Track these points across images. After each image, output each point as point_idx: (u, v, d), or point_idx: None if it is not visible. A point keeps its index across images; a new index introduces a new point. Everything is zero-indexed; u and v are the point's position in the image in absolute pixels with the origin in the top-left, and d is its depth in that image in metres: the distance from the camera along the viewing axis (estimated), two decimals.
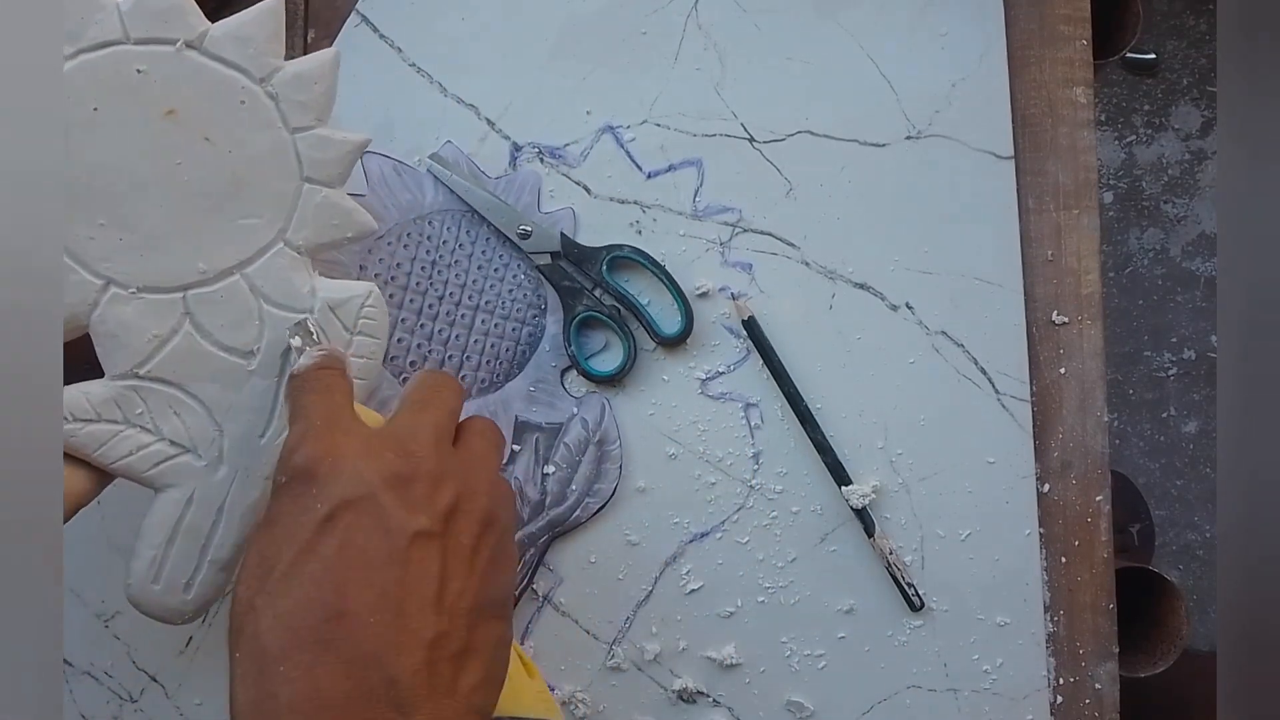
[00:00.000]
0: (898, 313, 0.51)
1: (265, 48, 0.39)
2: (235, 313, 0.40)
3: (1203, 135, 1.30)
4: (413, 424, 0.35)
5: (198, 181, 0.39)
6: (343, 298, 0.41)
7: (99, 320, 0.39)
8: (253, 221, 0.40)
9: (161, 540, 0.40)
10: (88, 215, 0.38)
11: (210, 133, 0.39)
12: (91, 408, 0.39)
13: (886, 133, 0.51)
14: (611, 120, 0.52)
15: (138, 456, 0.39)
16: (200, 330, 0.40)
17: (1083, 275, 0.52)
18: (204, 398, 0.40)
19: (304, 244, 0.41)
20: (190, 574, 0.40)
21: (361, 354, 0.42)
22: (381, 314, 0.42)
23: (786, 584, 0.50)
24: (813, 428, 0.50)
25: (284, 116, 0.40)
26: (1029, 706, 0.50)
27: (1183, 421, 1.27)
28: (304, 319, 0.41)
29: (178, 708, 0.51)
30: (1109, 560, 0.51)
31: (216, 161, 0.39)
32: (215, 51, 0.39)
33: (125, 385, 0.39)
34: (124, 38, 0.38)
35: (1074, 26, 0.52)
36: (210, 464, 0.40)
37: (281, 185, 0.40)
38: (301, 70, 0.40)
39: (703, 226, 0.51)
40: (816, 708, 0.50)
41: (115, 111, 0.38)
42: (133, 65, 0.38)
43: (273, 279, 0.40)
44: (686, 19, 0.52)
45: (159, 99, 0.38)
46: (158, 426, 0.40)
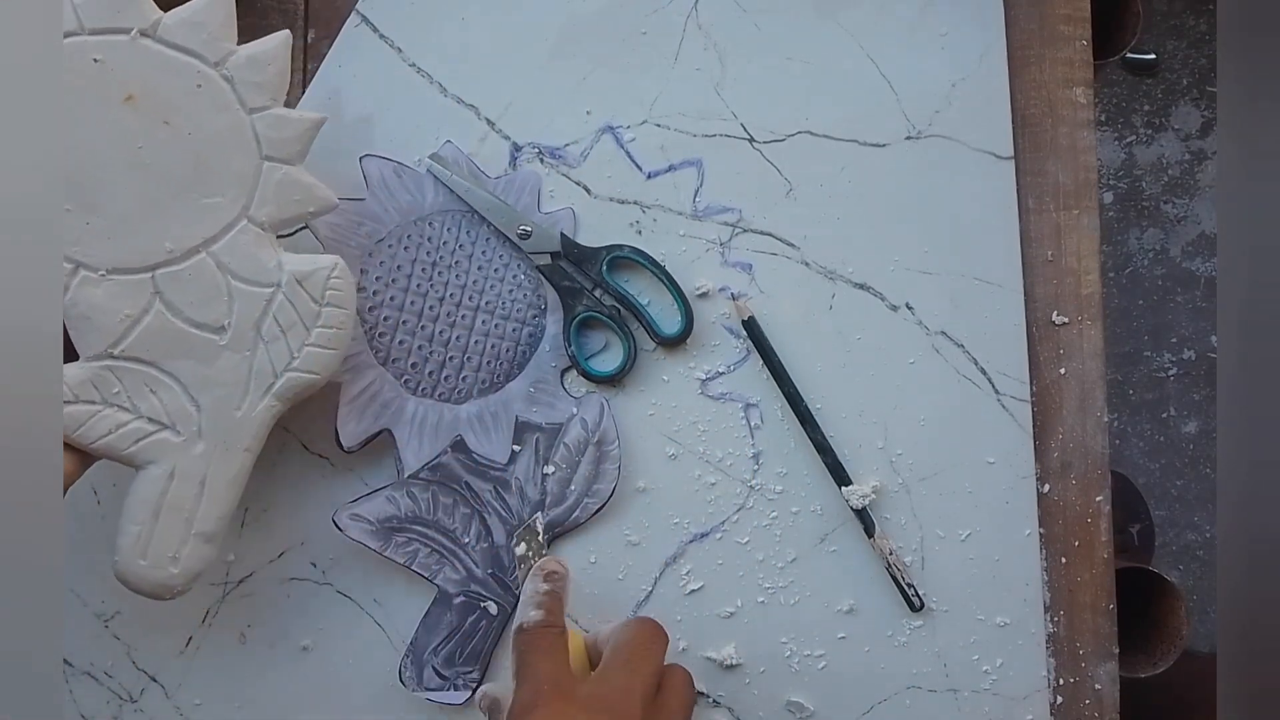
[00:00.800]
0: (898, 313, 0.51)
1: (218, 32, 0.41)
2: (204, 289, 0.41)
3: (1203, 135, 1.30)
4: (626, 687, 0.39)
5: (160, 164, 0.40)
6: (309, 269, 0.42)
7: (71, 304, 0.40)
8: (216, 200, 0.41)
9: (146, 516, 0.41)
10: None
11: (169, 116, 0.40)
12: (69, 389, 0.40)
13: (886, 133, 0.51)
14: (611, 120, 0.52)
15: (117, 435, 0.40)
16: (171, 308, 0.41)
17: (1083, 275, 0.52)
18: (179, 374, 0.41)
19: (267, 220, 0.42)
20: (176, 547, 0.41)
21: (330, 324, 0.43)
22: (347, 285, 0.43)
23: (786, 584, 0.50)
24: (813, 428, 0.50)
25: (240, 98, 0.41)
26: (1029, 706, 0.50)
27: (1183, 421, 1.27)
28: (532, 521, 0.46)
29: (178, 708, 0.51)
30: (1109, 560, 0.51)
31: (177, 144, 0.40)
32: (169, 39, 0.40)
33: (101, 366, 0.40)
34: (79, 29, 0.39)
35: (1074, 26, 0.53)
36: (189, 439, 0.41)
37: (242, 164, 0.41)
38: (255, 53, 0.41)
39: (703, 226, 0.51)
40: (816, 708, 0.50)
41: (75, 100, 0.39)
42: (90, 55, 0.39)
43: (239, 255, 0.42)
44: (686, 19, 0.52)
45: (118, 86, 0.40)
46: (135, 405, 0.41)
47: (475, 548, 0.49)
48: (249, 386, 0.42)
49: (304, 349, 0.42)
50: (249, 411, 0.42)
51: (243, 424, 0.42)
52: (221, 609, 0.51)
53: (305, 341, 0.42)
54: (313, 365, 0.43)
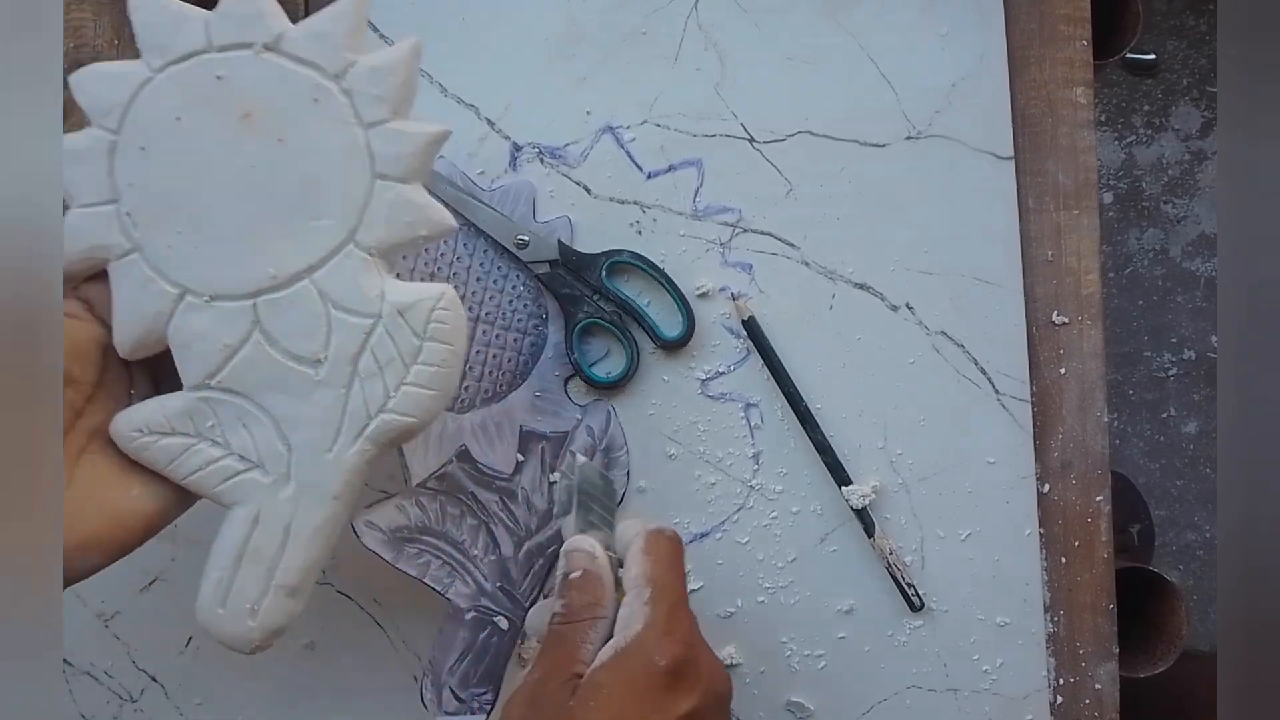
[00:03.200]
0: (898, 313, 0.51)
1: (342, 43, 0.38)
2: (303, 319, 0.38)
3: (1203, 135, 1.30)
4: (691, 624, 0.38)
5: (270, 185, 0.38)
6: (412, 299, 0.39)
7: (175, 331, 0.38)
8: (323, 223, 0.38)
9: (228, 562, 0.38)
10: (166, 224, 0.38)
11: (284, 134, 0.38)
12: (166, 420, 0.38)
13: (886, 133, 0.51)
14: (611, 120, 0.52)
15: (207, 471, 0.38)
16: (268, 338, 0.38)
17: (1083, 275, 0.52)
18: (272, 409, 0.39)
19: (375, 244, 0.39)
20: (256, 599, 0.38)
21: (432, 362, 0.39)
22: (456, 317, 0.39)
23: (786, 584, 0.50)
24: (813, 428, 0.50)
25: (357, 111, 0.38)
26: (1029, 706, 0.50)
27: (1183, 421, 1.27)
28: (570, 475, 0.42)
29: (177, 708, 0.51)
30: (1109, 560, 0.51)
31: (289, 163, 0.38)
32: (292, 51, 0.38)
33: (198, 397, 0.39)
34: (208, 46, 0.38)
35: (1074, 26, 0.53)
36: (277, 480, 0.39)
37: (352, 183, 0.38)
38: (377, 63, 0.38)
39: (703, 227, 0.51)
40: (816, 708, 0.50)
41: (195, 120, 0.38)
42: (213, 72, 0.38)
43: (341, 282, 0.39)
44: (686, 19, 0.52)
45: (235, 103, 0.38)
46: (226, 440, 0.39)
47: (484, 560, 0.49)
48: (342, 427, 0.39)
49: (401, 389, 0.39)
50: (340, 454, 0.39)
51: (333, 468, 0.39)
52: None
53: (403, 380, 0.39)
54: (409, 408, 0.39)
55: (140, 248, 0.38)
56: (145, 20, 0.38)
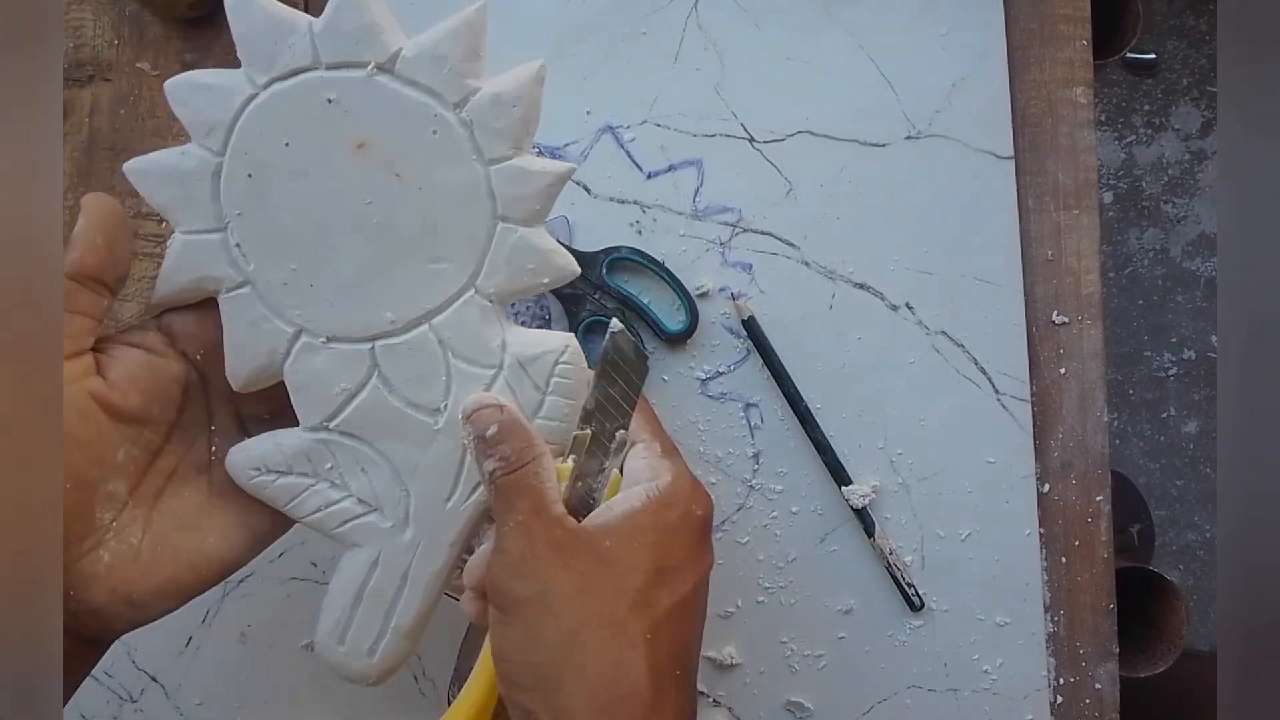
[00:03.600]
0: (898, 313, 0.51)
1: (461, 68, 0.35)
2: (422, 367, 0.37)
3: (1203, 135, 1.30)
4: (630, 563, 0.36)
5: (387, 222, 0.36)
6: (535, 352, 0.37)
7: (291, 370, 0.37)
8: (443, 266, 0.36)
9: (347, 602, 0.38)
10: (280, 260, 0.36)
11: (400, 168, 0.36)
12: (284, 459, 0.37)
13: (886, 133, 0.51)
14: (611, 120, 0.52)
15: (326, 513, 0.38)
16: (387, 385, 0.37)
17: (1083, 275, 0.52)
18: (391, 456, 0.37)
19: (495, 292, 0.37)
20: (374, 639, 0.38)
21: (553, 417, 0.37)
22: (579, 371, 0.38)
23: (786, 584, 0.50)
24: (813, 428, 0.50)
25: (478, 146, 0.36)
26: (1029, 706, 0.50)
27: (1183, 421, 1.27)
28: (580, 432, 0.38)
29: (177, 708, 0.51)
30: (1109, 560, 0.51)
31: (406, 200, 0.36)
32: (408, 75, 0.35)
33: (316, 438, 0.37)
34: (316, 63, 0.35)
35: (1074, 26, 0.53)
36: (396, 526, 0.38)
37: (473, 226, 0.36)
38: (499, 92, 0.36)
39: (703, 226, 0.51)
40: (816, 708, 0.50)
41: (305, 146, 0.35)
42: (323, 94, 0.35)
43: (462, 331, 0.37)
44: (686, 19, 0.52)
45: (349, 131, 0.35)
46: (346, 483, 0.38)
47: None
48: (460, 479, 0.37)
49: None
50: (458, 505, 0.38)
51: (451, 517, 0.38)
52: (221, 609, 0.51)
53: None
54: None
55: (252, 282, 0.36)
56: (246, 28, 0.35)
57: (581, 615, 0.33)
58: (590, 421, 0.38)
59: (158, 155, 0.36)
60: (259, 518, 0.38)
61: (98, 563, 0.35)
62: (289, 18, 0.35)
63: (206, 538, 0.37)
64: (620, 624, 0.34)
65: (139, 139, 0.53)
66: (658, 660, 0.34)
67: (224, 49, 0.53)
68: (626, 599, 0.34)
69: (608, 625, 0.33)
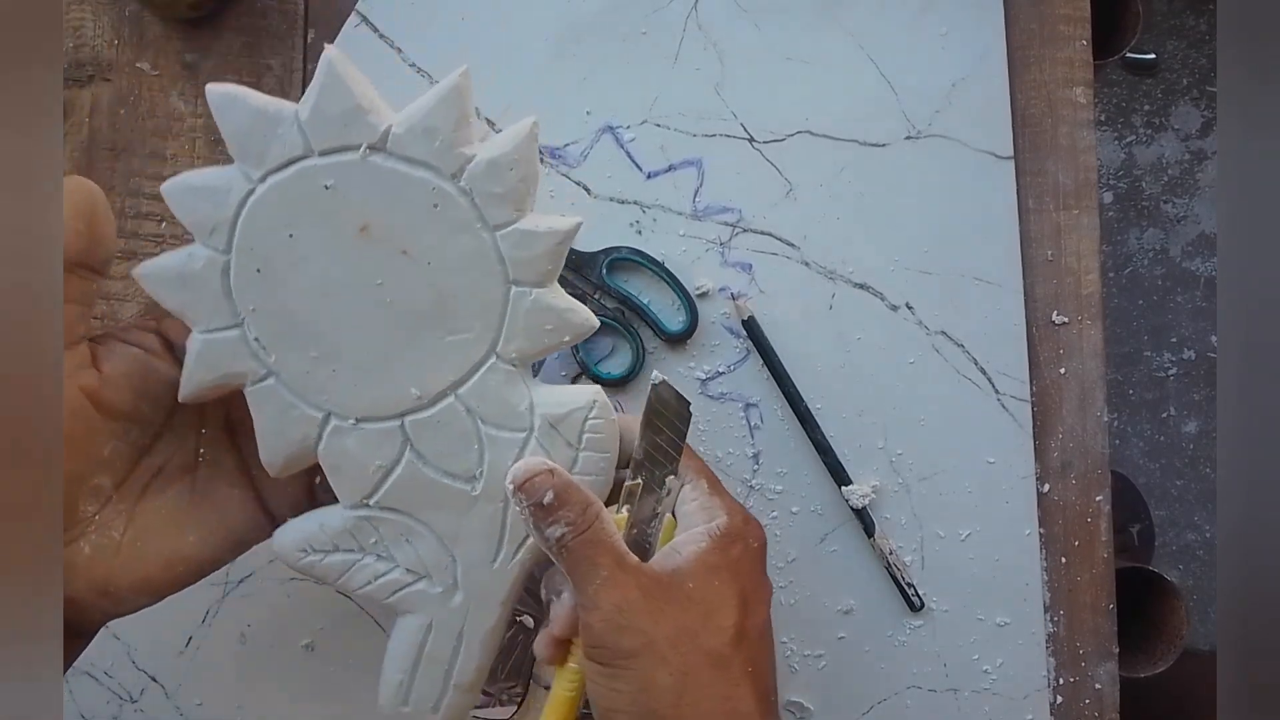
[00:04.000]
0: (898, 313, 0.51)
1: (453, 138, 0.35)
2: (454, 438, 0.37)
3: (1203, 135, 1.30)
4: (711, 604, 0.37)
5: (401, 301, 0.36)
6: (563, 411, 0.38)
7: (325, 453, 0.37)
8: (463, 337, 0.37)
9: (407, 666, 0.39)
10: (299, 348, 0.36)
11: (407, 245, 0.36)
12: (329, 538, 0.38)
13: (886, 133, 0.51)
14: (611, 120, 0.52)
15: (376, 585, 0.38)
16: (421, 458, 0.38)
17: (1083, 275, 0.52)
18: (433, 525, 0.38)
19: (517, 355, 0.37)
20: (436, 698, 0.39)
21: (589, 471, 0.38)
22: (609, 424, 0.38)
23: (786, 584, 0.50)
24: (813, 428, 0.50)
25: (481, 214, 0.36)
26: (1029, 706, 0.50)
27: (1183, 421, 1.27)
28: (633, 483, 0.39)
29: (177, 708, 0.51)
30: (1109, 560, 0.51)
31: (417, 276, 0.36)
32: (401, 151, 0.35)
33: (358, 515, 0.38)
34: (308, 151, 0.35)
35: (1074, 26, 0.53)
36: (446, 591, 0.38)
37: (487, 293, 0.37)
38: (495, 156, 0.36)
39: (703, 226, 0.51)
40: (816, 708, 0.50)
41: (310, 235, 0.36)
42: (320, 181, 0.35)
43: (488, 398, 0.37)
44: (686, 19, 0.52)
45: (351, 216, 0.36)
46: (392, 554, 0.38)
47: None
48: (503, 539, 0.38)
49: None
50: (504, 564, 0.38)
51: (498, 577, 0.38)
52: (221, 609, 0.51)
53: None
54: None
55: (275, 373, 0.37)
56: (234, 125, 0.35)
57: (688, 658, 0.34)
58: (640, 471, 0.38)
59: (164, 259, 0.36)
60: (239, 521, 0.39)
61: (78, 554, 0.35)
62: (274, 109, 0.35)
63: (186, 537, 0.37)
64: (725, 661, 0.35)
65: (139, 139, 0.53)
66: (760, 689, 0.36)
67: (224, 49, 0.53)
68: (724, 636, 0.35)
69: (715, 664, 0.35)
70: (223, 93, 0.35)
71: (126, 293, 0.52)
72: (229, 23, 0.53)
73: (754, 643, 0.36)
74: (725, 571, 0.36)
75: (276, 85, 0.53)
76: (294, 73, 0.53)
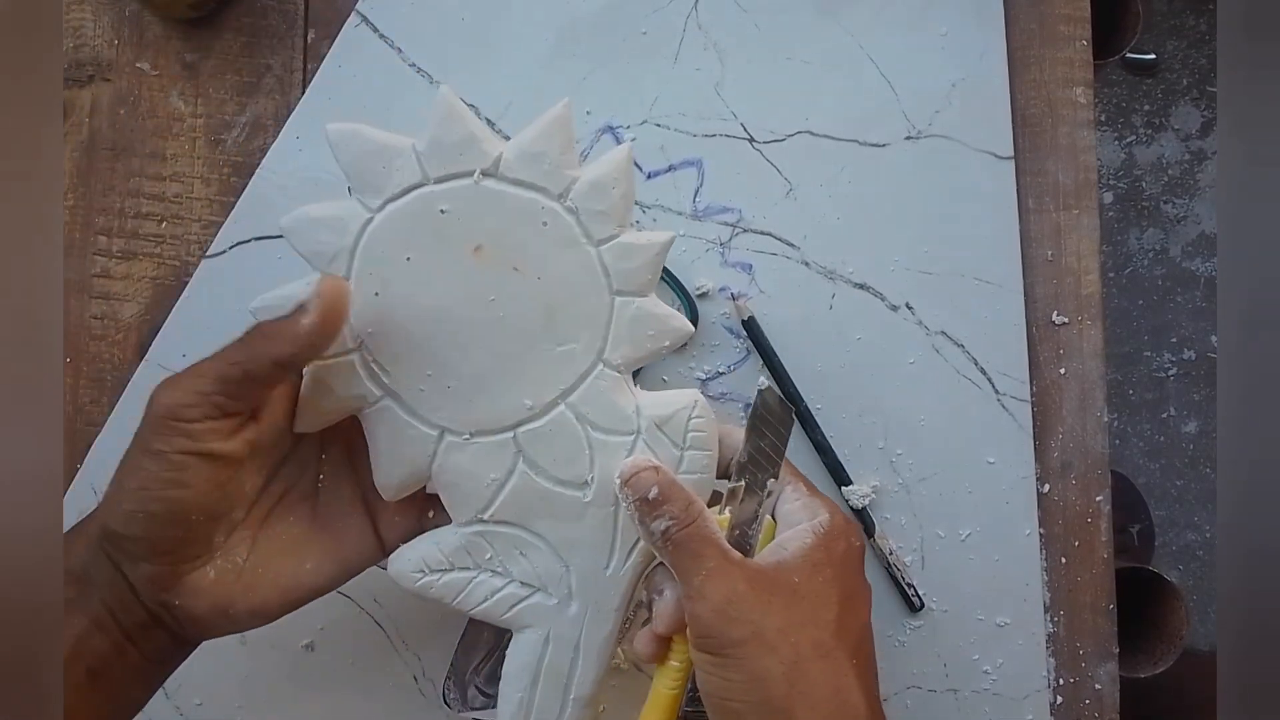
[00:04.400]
0: (898, 313, 0.51)
1: (559, 160, 0.37)
2: (565, 445, 0.39)
3: (1203, 135, 1.30)
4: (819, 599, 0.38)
5: (513, 315, 0.38)
6: (668, 412, 0.39)
7: (439, 470, 0.38)
8: (571, 347, 0.38)
9: (526, 683, 0.39)
10: (416, 368, 0.38)
11: (518, 262, 0.38)
12: (444, 557, 0.39)
13: (886, 133, 0.51)
14: (611, 120, 0.52)
15: (493, 601, 0.39)
16: (534, 468, 0.39)
17: (1083, 275, 0.52)
18: (546, 535, 0.39)
19: (622, 361, 0.39)
20: (557, 713, 0.40)
21: (693, 470, 0.39)
22: (709, 424, 0.40)
23: None
24: (813, 428, 0.50)
25: (586, 230, 0.38)
26: (1029, 706, 0.50)
27: (1183, 421, 1.27)
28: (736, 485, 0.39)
29: (178, 708, 0.51)
30: (1109, 560, 0.51)
31: (528, 291, 0.38)
32: (512, 175, 0.37)
33: (473, 532, 0.39)
34: (425, 179, 0.37)
35: (1074, 26, 0.53)
36: (561, 601, 0.39)
37: (593, 304, 0.38)
38: (597, 177, 0.38)
39: (703, 226, 0.51)
40: None
41: (426, 258, 0.37)
42: (436, 206, 0.37)
43: (596, 404, 0.39)
44: (686, 19, 0.52)
45: (465, 237, 0.37)
46: (507, 569, 0.39)
47: None
48: (615, 544, 0.39)
49: None
50: (617, 570, 0.39)
51: (612, 583, 0.39)
52: None
53: None
54: None
55: (392, 394, 0.38)
56: (353, 159, 0.37)
57: (798, 648, 0.35)
58: (744, 474, 0.39)
59: (281, 291, 0.36)
60: (353, 549, 0.40)
61: (204, 577, 0.36)
62: (393, 143, 0.37)
63: (304, 565, 0.38)
64: (831, 652, 0.35)
65: (139, 139, 0.53)
66: (866, 683, 0.36)
67: (223, 49, 0.53)
68: (829, 629, 0.36)
69: (822, 654, 0.35)
70: (342, 130, 0.37)
71: (128, 293, 0.52)
72: (229, 23, 0.53)
73: (856, 639, 0.37)
74: (829, 568, 0.37)
75: (276, 85, 0.53)
76: (294, 73, 0.53)
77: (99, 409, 0.52)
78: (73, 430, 0.52)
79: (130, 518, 0.34)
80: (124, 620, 0.36)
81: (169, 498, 0.34)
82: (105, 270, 0.52)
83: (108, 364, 0.52)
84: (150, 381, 0.51)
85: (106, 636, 0.36)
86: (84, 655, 0.35)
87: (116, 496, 0.35)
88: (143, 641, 0.36)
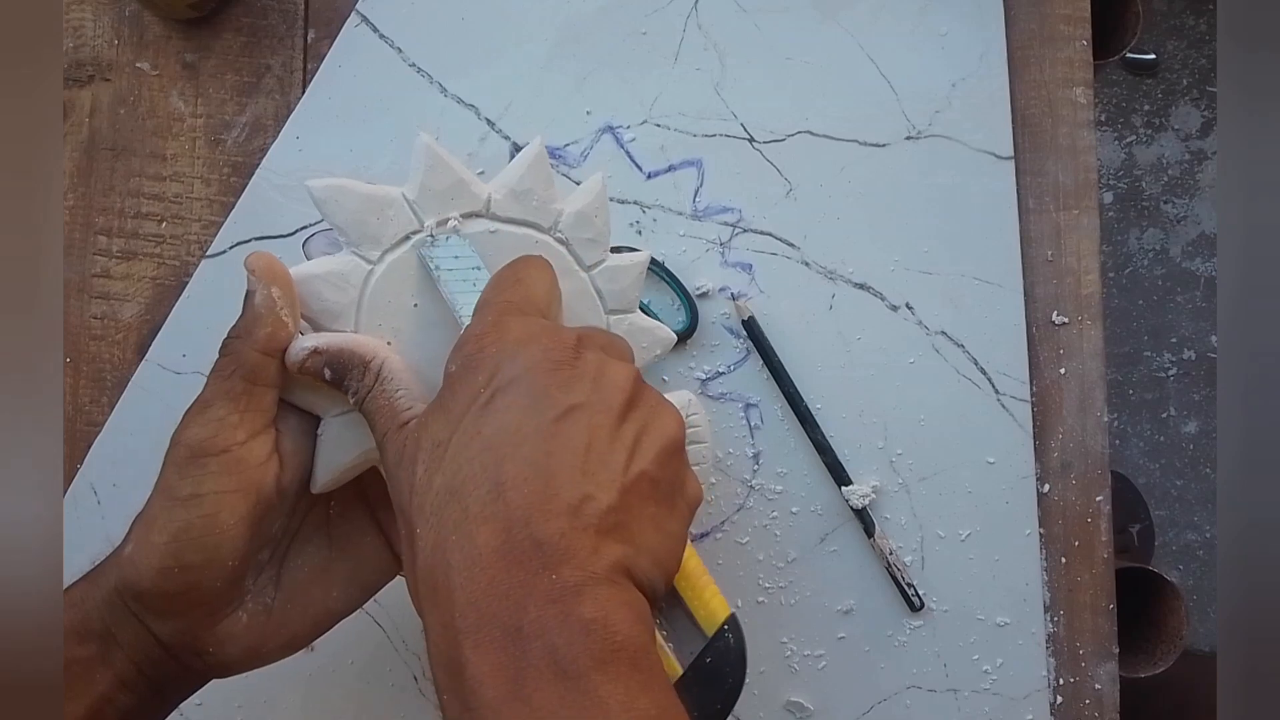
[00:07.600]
0: (898, 313, 0.51)
1: (545, 195, 0.39)
2: None
3: (1203, 135, 1.30)
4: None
5: None
6: None
7: None
8: None
9: None
10: None
11: None
12: None
13: (886, 133, 0.51)
14: (611, 120, 0.52)
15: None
16: None
17: (1083, 275, 0.52)
18: None
19: None
20: None
21: (695, 462, 0.43)
22: (703, 419, 0.44)
23: (786, 584, 0.50)
24: (812, 428, 0.50)
25: (577, 258, 0.39)
26: (1029, 706, 0.50)
27: (1183, 421, 1.27)
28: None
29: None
30: (1109, 560, 0.51)
31: None
32: (504, 214, 0.38)
33: None
34: (420, 226, 0.37)
35: (1074, 26, 0.53)
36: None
37: (590, 324, 0.39)
38: (580, 208, 0.39)
39: (703, 226, 0.51)
40: (816, 708, 0.50)
41: (432, 300, 0.37)
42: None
43: None
44: (686, 19, 0.52)
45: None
46: None
47: None
48: None
49: None
50: None
51: None
52: None
53: None
54: None
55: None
56: (344, 214, 0.37)
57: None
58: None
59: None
60: (372, 569, 0.39)
61: (236, 623, 0.36)
62: (381, 194, 0.37)
63: (330, 592, 0.38)
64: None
65: (139, 139, 0.53)
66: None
67: (223, 49, 0.53)
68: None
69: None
70: (327, 186, 0.37)
71: (128, 293, 0.52)
72: (229, 23, 0.53)
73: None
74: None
75: (276, 85, 0.53)
76: (294, 73, 0.53)
77: (99, 409, 0.52)
78: (73, 430, 0.52)
79: (165, 574, 0.34)
80: (152, 675, 0.36)
81: (206, 544, 0.34)
82: (105, 270, 0.52)
83: (108, 364, 0.52)
84: (150, 381, 0.52)
85: (133, 694, 0.35)
86: (108, 716, 0.35)
87: (142, 554, 0.34)
88: (171, 691, 0.37)
